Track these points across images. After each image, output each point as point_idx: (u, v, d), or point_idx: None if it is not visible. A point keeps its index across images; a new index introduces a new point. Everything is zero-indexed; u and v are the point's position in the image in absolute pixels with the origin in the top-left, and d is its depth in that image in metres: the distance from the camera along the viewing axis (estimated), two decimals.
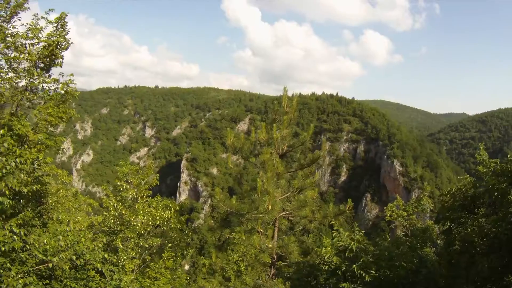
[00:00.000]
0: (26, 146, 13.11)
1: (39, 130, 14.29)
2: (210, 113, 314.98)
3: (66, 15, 16.03)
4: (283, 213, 17.02)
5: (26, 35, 15.05)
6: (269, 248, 16.41)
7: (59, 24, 15.78)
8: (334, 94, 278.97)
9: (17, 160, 11.38)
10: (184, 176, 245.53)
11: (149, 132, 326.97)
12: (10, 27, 15.12)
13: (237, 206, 17.26)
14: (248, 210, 16.78)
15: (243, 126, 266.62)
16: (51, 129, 15.41)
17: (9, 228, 11.20)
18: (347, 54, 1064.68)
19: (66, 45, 16.13)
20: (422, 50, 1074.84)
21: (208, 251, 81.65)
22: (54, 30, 15.64)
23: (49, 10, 16.43)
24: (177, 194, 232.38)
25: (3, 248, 10.87)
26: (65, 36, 15.90)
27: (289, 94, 18.40)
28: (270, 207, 15.56)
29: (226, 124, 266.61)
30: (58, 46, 15.71)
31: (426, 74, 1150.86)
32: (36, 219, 13.29)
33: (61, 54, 16.03)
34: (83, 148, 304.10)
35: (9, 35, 14.89)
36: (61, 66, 16.27)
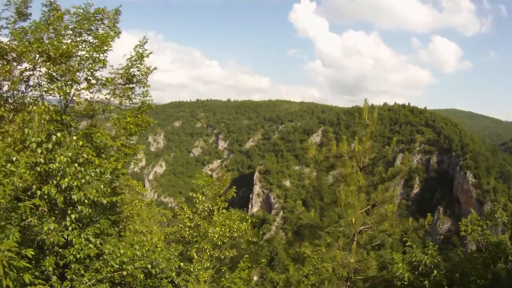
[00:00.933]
0: (103, 156, 13.40)
1: (117, 138, 14.69)
2: (283, 125, 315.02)
3: (146, 42, 16.70)
4: (363, 226, 16.66)
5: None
6: (350, 263, 16.06)
7: (140, 48, 16.47)
8: (406, 104, 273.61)
9: (97, 170, 11.56)
10: (256, 188, 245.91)
11: (222, 144, 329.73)
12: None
13: (316, 219, 17.10)
14: (328, 223, 16.59)
15: (315, 138, 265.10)
16: (130, 137, 15.85)
17: (85, 236, 11.35)
18: (417, 62, 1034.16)
19: (148, 70, 16.86)
20: (491, 54, 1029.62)
21: (280, 264, 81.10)
22: (137, 49, 16.35)
23: (118, 32, 17.16)
24: (249, 206, 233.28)
25: (78, 256, 11.03)
26: (145, 60, 16.64)
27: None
28: (354, 220, 15.39)
29: (299, 136, 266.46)
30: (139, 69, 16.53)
31: (496, 80, 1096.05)
32: (112, 228, 13.47)
33: (144, 80, 16.74)
34: (155, 160, 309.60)
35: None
36: (143, 87, 16.93)
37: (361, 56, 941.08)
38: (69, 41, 15.64)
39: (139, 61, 16.63)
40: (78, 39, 16.15)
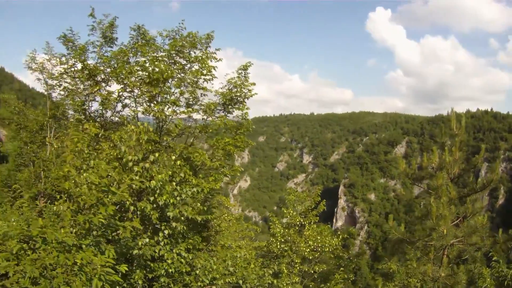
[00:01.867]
0: (200, 175, 13.63)
1: (215, 159, 14.94)
2: (367, 137, 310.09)
3: (250, 65, 16.97)
4: (454, 240, 16.01)
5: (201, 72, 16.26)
6: (442, 277, 15.53)
7: (243, 71, 16.77)
8: (489, 110, 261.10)
9: (194, 189, 11.75)
10: (341, 202, 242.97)
11: (306, 158, 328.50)
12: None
13: (406, 233, 16.74)
14: (419, 237, 16.17)
15: (400, 149, 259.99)
16: (227, 158, 16.11)
17: (177, 251, 11.53)
18: (496, 64, 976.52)
19: (249, 94, 17.13)
20: None
21: (362, 279, 79.56)
22: (238, 76, 16.69)
23: (216, 49, 17.51)
24: (334, 220, 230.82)
25: (169, 270, 11.25)
26: (247, 84, 16.92)
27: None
28: (445, 231, 15.08)
29: (383, 148, 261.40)
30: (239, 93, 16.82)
31: None
32: (204, 243, 13.61)
33: (244, 101, 17.03)
34: (240, 175, 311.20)
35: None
36: (242, 110, 17.20)
37: (441, 62, 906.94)
38: (161, 64, 16.08)
39: (241, 85, 16.88)
40: (170, 61, 16.61)
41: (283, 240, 21.20)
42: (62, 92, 21.55)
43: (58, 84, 21.40)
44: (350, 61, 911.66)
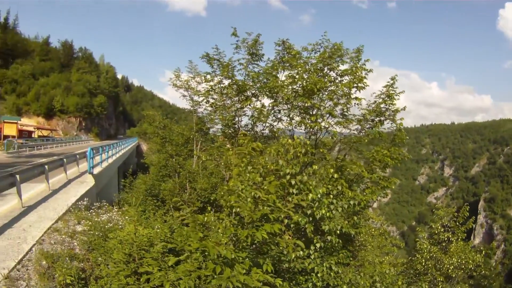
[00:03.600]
0: (355, 188, 13.51)
1: (372, 171, 14.79)
2: (508, 147, 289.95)
3: (394, 81, 16.75)
4: None
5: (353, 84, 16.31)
6: None
7: (391, 85, 16.62)
8: None
9: (350, 202, 11.65)
10: (480, 218, 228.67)
11: (447, 171, 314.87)
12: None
13: None
14: None
15: None
16: (384, 170, 15.93)
17: (327, 265, 11.43)
18: None
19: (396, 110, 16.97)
20: None
21: None
22: (386, 90, 16.54)
23: (365, 60, 17.40)
24: (472, 237, 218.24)
25: (317, 284, 11.26)
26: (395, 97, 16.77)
27: None
28: None
29: None
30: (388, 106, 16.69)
31: None
32: (350, 258, 13.43)
33: (393, 117, 16.85)
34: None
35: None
36: (395, 122, 17.05)
37: None
38: (314, 75, 16.28)
39: (388, 100, 16.64)
40: (319, 75, 16.75)
41: (428, 256, 20.37)
42: (209, 108, 22.53)
43: (206, 100, 22.35)
44: (485, 64, 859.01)
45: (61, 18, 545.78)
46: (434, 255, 20.23)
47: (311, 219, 10.83)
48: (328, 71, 16.89)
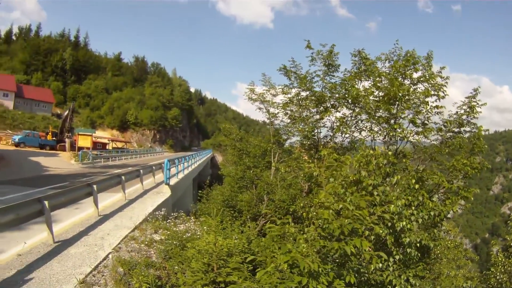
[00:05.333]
0: (434, 198, 13.37)
1: (453, 180, 14.62)
2: None
3: (477, 93, 16.45)
4: None
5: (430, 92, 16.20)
6: None
7: (473, 96, 16.42)
8: None
9: (431, 213, 11.59)
10: None
11: None
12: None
13: None
14: None
15: None
16: (464, 180, 15.72)
17: (405, 277, 11.38)
18: None
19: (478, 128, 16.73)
20: None
21: None
22: (469, 101, 16.34)
23: (441, 68, 17.16)
24: None
25: None
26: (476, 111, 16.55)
27: None
28: None
29: None
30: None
31: None
32: (426, 271, 13.31)
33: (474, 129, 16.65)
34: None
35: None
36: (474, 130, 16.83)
37: None
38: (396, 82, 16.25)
39: (471, 113, 16.36)
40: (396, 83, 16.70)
41: (503, 269, 19.76)
42: (286, 120, 22.82)
43: (284, 112, 22.65)
44: None
45: (132, 37, 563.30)
46: (510, 269, 19.61)
47: (391, 230, 10.84)
48: (402, 79, 16.79)
